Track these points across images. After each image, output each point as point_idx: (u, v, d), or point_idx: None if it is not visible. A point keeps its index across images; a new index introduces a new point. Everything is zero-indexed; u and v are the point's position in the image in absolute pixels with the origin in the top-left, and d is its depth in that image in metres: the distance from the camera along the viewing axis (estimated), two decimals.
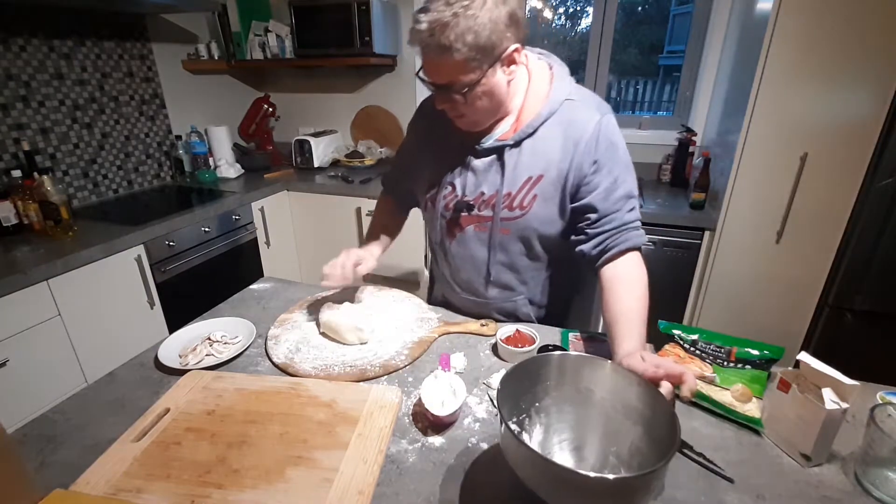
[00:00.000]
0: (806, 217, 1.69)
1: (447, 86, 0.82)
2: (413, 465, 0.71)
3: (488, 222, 0.97)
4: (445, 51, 0.76)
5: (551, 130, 0.90)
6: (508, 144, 0.92)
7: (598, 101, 0.93)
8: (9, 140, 1.82)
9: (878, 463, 0.65)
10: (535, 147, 0.91)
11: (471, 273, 1.05)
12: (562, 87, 0.91)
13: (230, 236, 2.18)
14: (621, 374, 0.66)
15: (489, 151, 0.93)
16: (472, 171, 0.96)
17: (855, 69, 1.49)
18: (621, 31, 2.43)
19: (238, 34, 2.53)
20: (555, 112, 0.90)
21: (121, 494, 0.64)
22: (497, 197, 0.94)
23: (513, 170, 0.92)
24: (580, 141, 0.89)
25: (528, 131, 0.91)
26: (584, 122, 0.89)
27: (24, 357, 1.45)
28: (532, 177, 0.92)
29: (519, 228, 0.95)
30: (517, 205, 0.94)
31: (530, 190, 0.92)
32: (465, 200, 0.97)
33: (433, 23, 0.75)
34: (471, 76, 0.80)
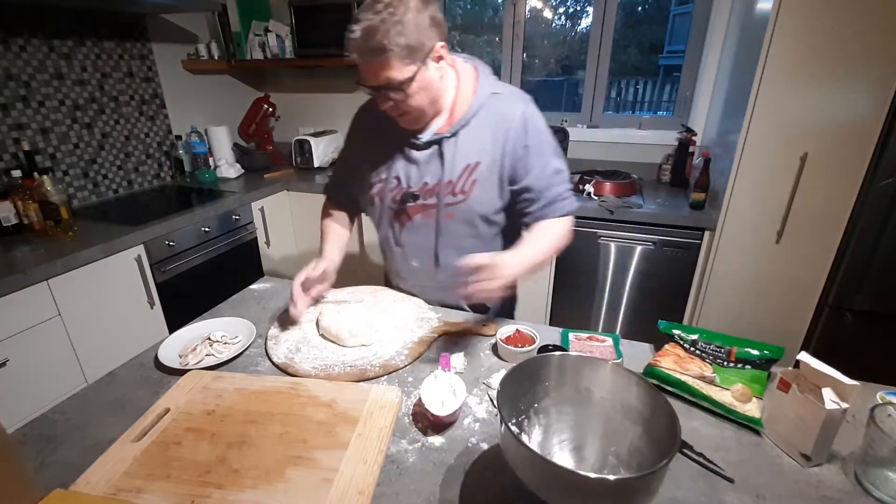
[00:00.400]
0: (806, 217, 1.69)
1: (386, 86, 0.89)
2: (413, 465, 0.71)
3: (433, 209, 1.05)
4: (380, 53, 0.85)
5: (482, 121, 1.00)
6: (446, 136, 1.01)
7: (520, 94, 1.05)
8: (9, 140, 1.82)
9: (878, 463, 0.65)
10: (470, 137, 1.01)
11: (421, 259, 1.12)
12: (487, 83, 1.03)
13: (230, 236, 2.18)
14: (621, 375, 0.66)
15: (429, 144, 1.02)
16: (414, 163, 1.04)
17: (855, 69, 1.49)
18: (621, 31, 2.43)
19: (238, 34, 2.53)
20: (483, 105, 1.00)
21: (121, 494, 0.64)
22: (440, 185, 1.02)
23: (451, 159, 1.01)
24: (510, 129, 0.99)
25: (462, 123, 1.00)
26: (510, 112, 1.00)
27: (24, 357, 1.45)
28: (470, 164, 1.01)
29: (462, 212, 1.04)
30: (459, 190, 1.02)
31: (469, 176, 1.02)
32: (411, 191, 1.05)
33: (365, 29, 0.84)
34: (406, 74, 0.88)
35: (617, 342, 0.97)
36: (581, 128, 2.54)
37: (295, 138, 2.67)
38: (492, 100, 1.01)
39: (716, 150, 2.04)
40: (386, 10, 0.83)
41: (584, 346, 0.96)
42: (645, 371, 0.87)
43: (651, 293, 2.10)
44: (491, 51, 2.75)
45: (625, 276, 2.11)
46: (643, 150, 2.44)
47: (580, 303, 2.22)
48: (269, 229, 2.40)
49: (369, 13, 0.84)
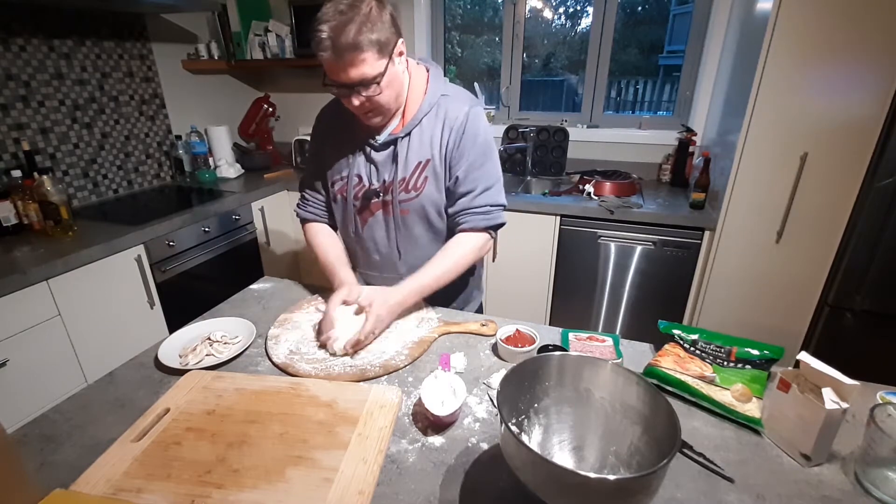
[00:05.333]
0: (806, 217, 1.69)
1: (360, 82, 0.91)
2: (413, 465, 0.71)
3: (391, 205, 1.10)
4: (354, 48, 0.87)
5: (432, 121, 1.05)
6: (400, 136, 1.05)
7: (468, 96, 1.08)
8: (9, 140, 1.82)
9: (878, 463, 0.65)
10: (422, 136, 1.05)
11: (383, 253, 1.16)
12: (437, 84, 1.06)
13: (230, 236, 2.18)
14: (621, 374, 0.66)
15: (385, 145, 1.06)
16: (373, 163, 1.09)
17: (855, 69, 1.49)
18: (621, 31, 2.43)
19: (238, 34, 2.53)
20: (433, 105, 1.05)
21: (121, 494, 0.64)
22: (394, 182, 1.07)
23: (405, 158, 1.06)
24: (452, 129, 1.04)
25: (414, 123, 1.04)
26: (455, 112, 1.04)
27: (24, 357, 1.45)
28: (421, 161, 1.06)
29: (416, 207, 1.09)
30: (412, 187, 1.07)
31: (421, 173, 1.06)
32: (373, 188, 1.09)
33: (335, 27, 0.85)
34: (378, 69, 0.91)
35: (617, 342, 0.97)
36: (581, 128, 2.54)
37: (295, 138, 2.67)
38: (441, 101, 1.05)
39: (716, 150, 2.04)
40: (351, 10, 0.86)
41: (584, 346, 0.96)
42: (645, 371, 0.87)
43: (651, 293, 2.10)
44: (491, 51, 2.75)
45: (625, 276, 2.11)
46: (643, 150, 2.44)
47: (580, 303, 2.23)
48: (269, 229, 2.40)
49: (333, 13, 0.86)
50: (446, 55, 2.80)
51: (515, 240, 2.15)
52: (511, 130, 2.51)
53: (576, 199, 2.12)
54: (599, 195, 2.13)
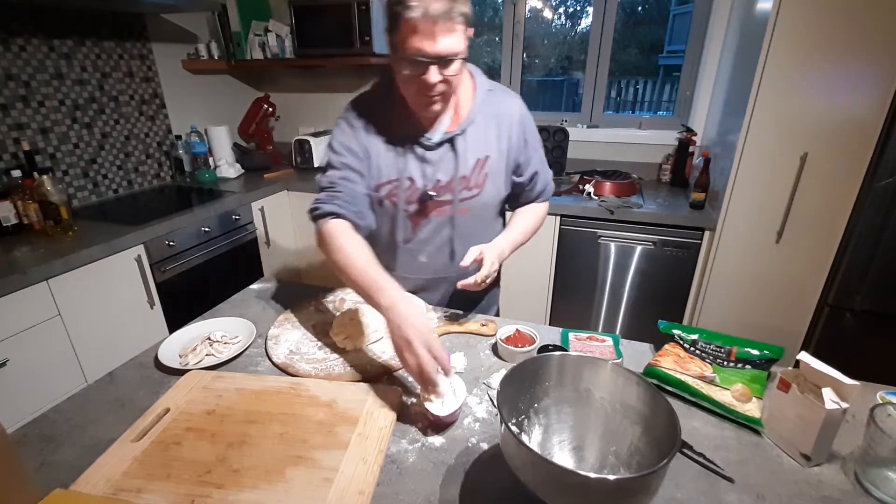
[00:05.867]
0: (806, 217, 1.69)
1: (445, 55, 0.85)
2: (413, 465, 0.71)
3: (448, 206, 1.06)
4: (446, 17, 0.81)
5: (485, 117, 1.03)
6: (457, 133, 1.01)
7: (510, 90, 1.09)
8: (9, 140, 1.82)
9: (878, 463, 0.65)
10: (477, 132, 1.03)
11: (432, 254, 1.12)
12: (483, 80, 1.05)
13: (230, 236, 2.18)
14: (621, 374, 0.66)
15: (440, 143, 1.02)
16: (427, 163, 1.03)
17: (855, 69, 1.49)
18: (621, 31, 2.43)
19: (238, 34, 2.52)
20: (483, 101, 1.03)
21: (121, 494, 0.64)
22: (454, 181, 1.03)
23: (464, 155, 1.03)
24: (512, 123, 1.05)
25: (469, 120, 1.02)
26: (510, 108, 1.05)
27: (24, 357, 1.45)
28: (480, 158, 1.04)
29: (476, 206, 1.07)
30: (473, 185, 1.05)
31: (481, 170, 1.05)
32: (427, 189, 1.05)
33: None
34: (463, 45, 0.87)
35: (617, 342, 0.97)
36: (581, 128, 2.54)
37: (295, 138, 2.67)
38: (489, 96, 1.04)
39: (716, 150, 2.04)
40: None
41: (584, 346, 0.96)
42: (645, 371, 0.87)
43: (651, 293, 2.10)
44: (491, 51, 2.75)
45: (625, 276, 2.11)
46: (643, 150, 2.44)
47: (580, 303, 2.22)
48: (269, 229, 2.40)
49: None
50: None
51: None
52: None
53: (576, 199, 2.12)
54: (599, 195, 2.13)
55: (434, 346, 0.73)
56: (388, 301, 0.79)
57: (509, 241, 1.06)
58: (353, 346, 0.97)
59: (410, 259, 1.13)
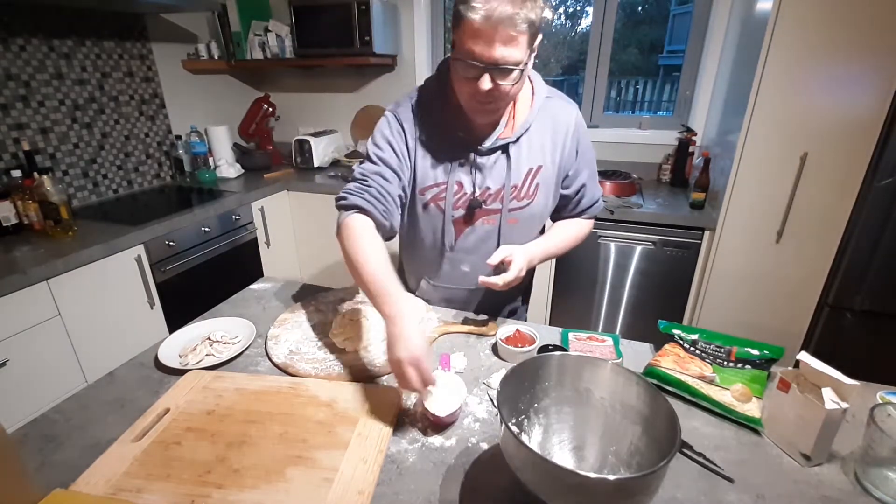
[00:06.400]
0: (806, 217, 1.69)
1: (501, 63, 0.80)
2: (413, 465, 0.71)
3: (496, 214, 1.03)
4: (509, 22, 0.76)
5: (541, 125, 1.00)
6: (511, 141, 0.97)
7: (567, 97, 1.05)
8: (9, 140, 1.82)
9: (878, 463, 0.65)
10: (531, 141, 0.99)
11: (475, 264, 1.07)
12: (541, 87, 1.01)
13: (230, 236, 2.18)
14: (621, 375, 0.66)
15: (493, 150, 0.98)
16: (477, 168, 0.99)
17: (855, 68, 1.49)
18: (621, 31, 2.43)
19: (238, 34, 2.53)
20: (541, 108, 0.99)
21: (121, 494, 0.64)
22: (505, 190, 1.00)
23: (517, 163, 0.99)
24: (567, 133, 1.01)
25: (525, 127, 0.98)
26: (566, 115, 1.01)
27: (24, 357, 1.45)
28: (532, 168, 1.00)
29: (525, 217, 1.04)
30: (524, 195, 1.02)
31: (533, 180, 1.01)
32: (476, 196, 1.01)
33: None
34: (523, 56, 0.82)
35: (617, 342, 0.97)
36: None
37: (295, 138, 2.67)
38: (547, 103, 1.00)
39: (716, 150, 2.04)
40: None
41: (584, 346, 0.96)
42: (645, 371, 0.87)
43: (651, 293, 2.10)
44: None
45: (625, 276, 2.11)
46: (643, 149, 2.44)
47: (580, 303, 2.22)
48: (269, 229, 2.40)
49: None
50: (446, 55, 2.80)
51: None
52: None
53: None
54: None
55: (422, 365, 0.73)
56: (391, 312, 0.79)
57: (542, 249, 1.02)
58: (353, 347, 0.97)
59: (452, 268, 1.10)
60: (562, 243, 1.09)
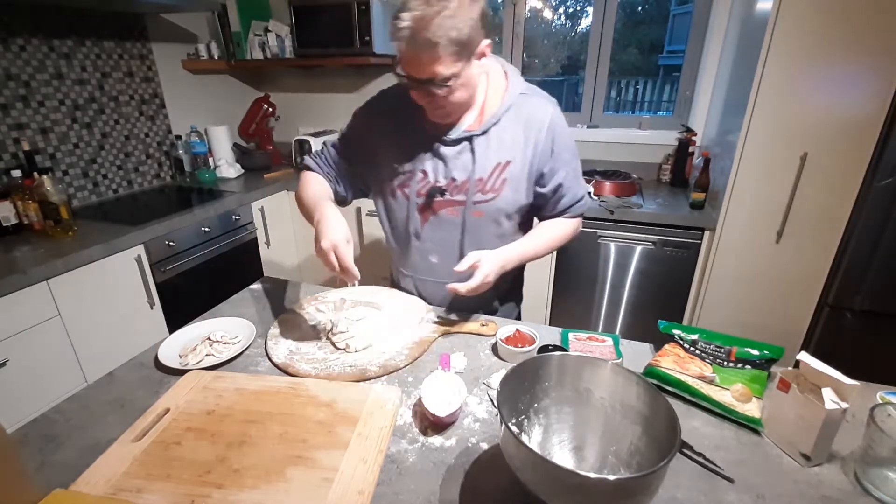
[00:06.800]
0: (806, 217, 1.69)
1: (431, 80, 0.87)
2: (413, 465, 0.71)
3: (461, 206, 1.04)
4: (430, 46, 0.82)
5: (512, 120, 1.00)
6: (477, 133, 0.99)
7: (546, 95, 1.05)
8: (9, 140, 1.82)
9: (878, 463, 0.65)
10: (501, 135, 1.00)
11: (442, 256, 1.10)
12: (517, 82, 1.02)
13: (230, 236, 2.18)
14: (621, 375, 0.66)
15: (458, 141, 1.01)
16: (442, 159, 1.02)
17: (855, 68, 1.49)
18: (621, 31, 2.43)
19: (238, 34, 2.53)
20: (513, 104, 1.00)
21: (121, 494, 0.64)
22: (469, 182, 1.01)
23: (483, 156, 1.00)
24: (541, 130, 1.00)
25: (493, 121, 0.99)
26: (541, 113, 1.00)
27: (24, 357, 1.45)
28: (500, 162, 1.01)
29: (491, 210, 1.04)
30: (489, 188, 1.02)
31: (500, 174, 1.01)
32: (439, 186, 1.03)
33: (417, 19, 0.80)
34: (452, 69, 0.86)
35: (617, 342, 0.97)
36: (581, 128, 2.54)
37: (295, 138, 2.67)
38: (521, 99, 1.00)
39: (716, 150, 2.04)
40: (439, 2, 0.80)
41: (584, 346, 0.96)
42: (645, 371, 0.87)
43: (651, 293, 2.10)
44: None
45: (625, 276, 2.11)
46: (643, 150, 2.44)
47: (580, 303, 2.22)
48: (269, 229, 2.40)
49: (421, 3, 0.81)
50: None
51: None
52: None
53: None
54: (599, 195, 2.13)
55: (339, 250, 0.88)
56: (318, 216, 0.94)
57: (518, 252, 1.01)
58: (353, 347, 0.97)
59: (422, 258, 1.12)
60: (542, 245, 1.07)
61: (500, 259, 0.96)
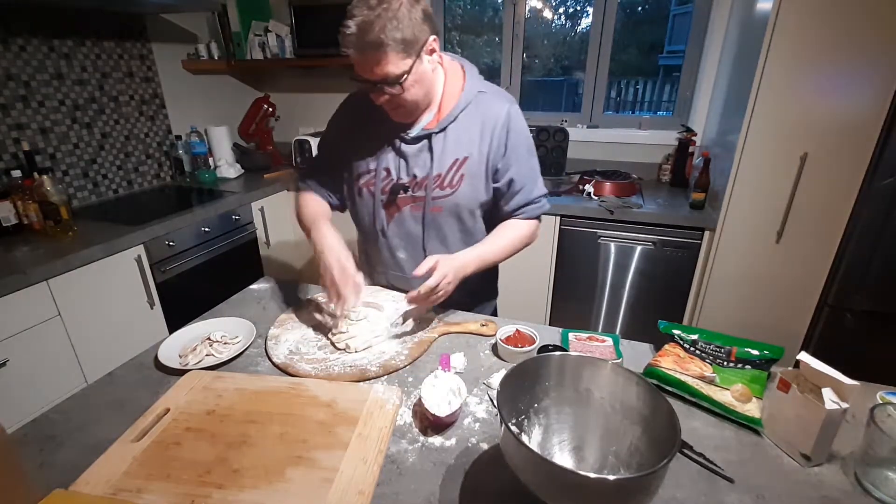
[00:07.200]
0: (806, 217, 1.69)
1: (383, 80, 0.90)
2: (413, 465, 0.71)
3: (422, 202, 1.07)
4: (377, 47, 0.86)
5: (469, 117, 1.03)
6: (434, 131, 1.02)
7: (505, 94, 1.07)
8: (9, 140, 1.82)
9: (878, 463, 0.65)
10: (458, 133, 1.03)
11: (409, 252, 1.13)
12: (474, 81, 1.05)
13: (230, 236, 2.18)
14: (621, 375, 0.66)
15: (418, 139, 1.04)
16: (403, 157, 1.05)
17: (855, 69, 1.49)
18: (621, 31, 2.43)
19: (238, 34, 2.53)
20: (471, 102, 1.02)
21: (121, 494, 0.64)
22: (428, 178, 1.04)
23: (440, 153, 1.03)
24: (496, 127, 1.02)
25: (450, 119, 1.02)
26: (496, 110, 1.03)
27: (24, 357, 1.45)
28: (458, 158, 1.03)
29: (450, 206, 1.06)
30: (447, 184, 1.04)
31: (458, 170, 1.04)
32: (401, 182, 1.06)
33: (361, 24, 0.84)
34: (402, 67, 0.89)
35: (617, 342, 0.97)
36: (581, 128, 2.54)
37: (295, 138, 2.67)
38: (479, 97, 1.03)
39: (716, 150, 2.04)
40: (380, 6, 0.84)
41: (584, 346, 0.96)
42: (645, 371, 0.87)
43: (651, 293, 2.10)
44: (491, 51, 2.75)
45: (625, 276, 2.11)
46: (643, 150, 2.44)
47: (580, 303, 2.22)
48: (269, 229, 2.40)
49: (363, 8, 0.85)
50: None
51: None
52: None
53: (576, 199, 2.12)
54: (599, 195, 2.13)
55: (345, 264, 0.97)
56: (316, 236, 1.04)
57: (475, 256, 1.03)
58: (353, 347, 0.97)
59: (390, 255, 1.16)
60: (500, 248, 1.08)
61: (458, 262, 0.99)
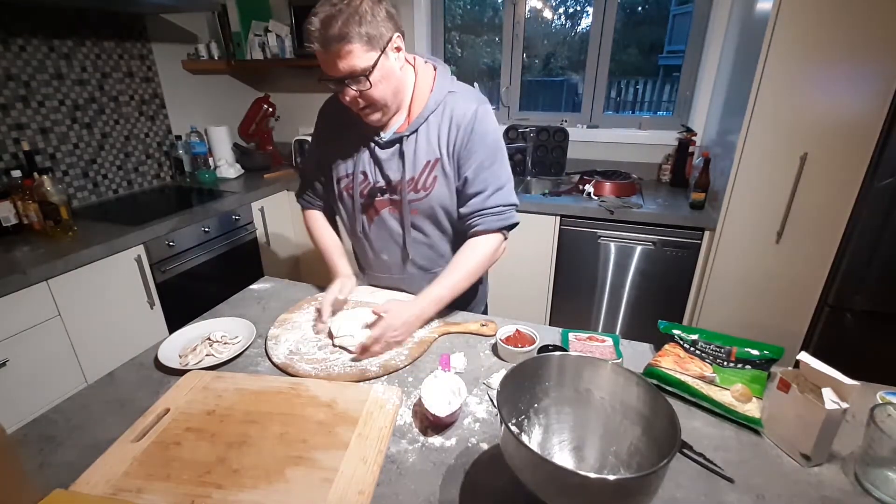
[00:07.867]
0: (806, 217, 1.69)
1: (349, 75, 0.90)
2: (413, 465, 0.71)
3: (399, 205, 1.08)
4: (340, 40, 0.86)
5: (439, 119, 1.02)
6: (405, 135, 1.02)
7: (476, 94, 1.06)
8: (9, 140, 1.82)
9: (878, 463, 0.65)
10: (429, 134, 1.03)
11: (390, 253, 1.15)
12: (444, 82, 1.04)
13: (230, 236, 2.18)
14: (621, 375, 0.66)
15: (390, 143, 1.04)
16: (377, 161, 1.06)
17: (855, 69, 1.49)
18: (621, 31, 2.43)
19: (238, 34, 2.52)
20: (440, 102, 1.02)
21: (121, 494, 0.64)
22: (402, 182, 1.04)
23: (412, 157, 1.03)
24: (461, 125, 1.01)
25: (420, 121, 1.02)
26: (463, 110, 1.01)
27: (24, 357, 1.45)
28: (430, 160, 1.03)
29: (425, 208, 1.06)
30: (421, 186, 1.05)
31: (431, 172, 1.04)
32: (378, 186, 1.08)
33: (324, 19, 0.86)
34: (367, 62, 0.90)
35: (617, 342, 0.97)
36: (581, 128, 2.54)
37: (295, 138, 2.67)
38: (448, 98, 1.03)
39: (716, 150, 2.04)
40: (342, 2, 0.86)
41: (584, 347, 0.96)
42: (645, 371, 0.87)
43: (651, 293, 2.10)
44: (491, 51, 2.75)
45: (625, 276, 2.11)
46: (643, 150, 2.44)
47: (580, 303, 2.22)
48: (269, 229, 2.40)
49: (326, 5, 0.86)
50: (446, 55, 2.80)
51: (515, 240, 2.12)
52: (511, 131, 2.51)
53: (576, 199, 2.12)
54: (599, 195, 2.13)
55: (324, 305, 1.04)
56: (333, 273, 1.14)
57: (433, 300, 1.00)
58: (353, 347, 0.97)
59: (375, 256, 1.18)
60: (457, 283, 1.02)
61: (411, 312, 0.98)
